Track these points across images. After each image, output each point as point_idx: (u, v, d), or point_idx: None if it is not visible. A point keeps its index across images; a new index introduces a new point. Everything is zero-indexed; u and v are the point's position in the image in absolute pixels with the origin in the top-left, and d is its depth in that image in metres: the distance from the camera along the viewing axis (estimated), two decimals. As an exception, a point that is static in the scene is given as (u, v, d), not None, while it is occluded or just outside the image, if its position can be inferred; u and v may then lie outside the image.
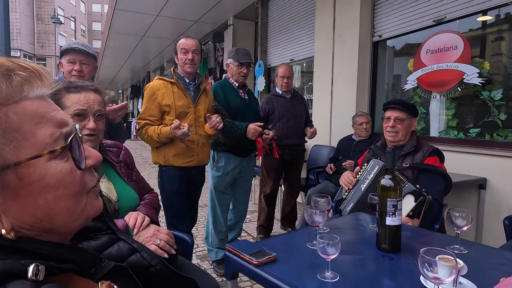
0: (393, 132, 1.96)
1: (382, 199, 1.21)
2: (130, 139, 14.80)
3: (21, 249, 0.46)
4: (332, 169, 3.22)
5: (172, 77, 2.19)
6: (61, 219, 0.50)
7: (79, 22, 34.90)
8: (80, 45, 1.99)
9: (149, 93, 2.15)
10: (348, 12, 3.68)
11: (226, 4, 5.64)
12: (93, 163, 0.54)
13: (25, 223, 0.48)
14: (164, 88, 2.15)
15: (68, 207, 0.49)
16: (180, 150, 2.16)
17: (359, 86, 3.66)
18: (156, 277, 0.70)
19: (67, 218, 0.50)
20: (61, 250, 0.50)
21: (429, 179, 1.79)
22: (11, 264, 0.43)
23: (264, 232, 3.18)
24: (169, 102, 2.13)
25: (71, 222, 0.51)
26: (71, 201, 0.50)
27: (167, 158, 2.18)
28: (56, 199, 0.48)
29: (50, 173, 0.47)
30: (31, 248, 0.47)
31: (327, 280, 1.01)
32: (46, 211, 0.48)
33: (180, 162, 2.18)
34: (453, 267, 0.82)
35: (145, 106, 2.16)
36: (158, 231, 1.17)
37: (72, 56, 1.94)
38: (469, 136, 2.87)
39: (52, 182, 0.47)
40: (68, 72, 1.94)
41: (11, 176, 0.45)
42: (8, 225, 0.46)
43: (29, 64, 0.50)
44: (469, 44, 2.78)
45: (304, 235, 1.40)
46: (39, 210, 0.47)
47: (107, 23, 7.63)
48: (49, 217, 0.48)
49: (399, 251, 1.21)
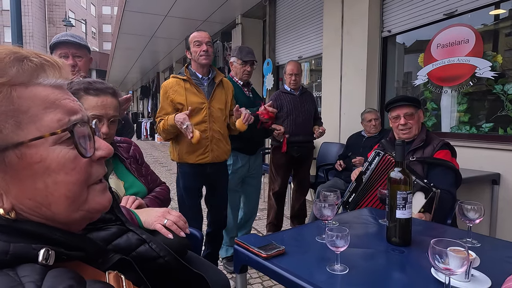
0: (406, 129, 1.93)
1: (391, 192, 1.19)
2: (141, 139, 14.94)
3: (32, 233, 0.47)
4: (341, 166, 3.19)
5: (184, 74, 2.18)
6: (60, 206, 0.49)
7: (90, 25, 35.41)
8: (70, 36, 1.81)
9: (163, 91, 2.17)
10: (357, 7, 3.64)
11: (234, 3, 5.65)
12: (103, 154, 0.54)
13: (25, 206, 0.48)
14: (176, 85, 2.14)
15: (67, 195, 0.49)
16: (191, 147, 2.13)
17: (368, 82, 3.63)
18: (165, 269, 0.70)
19: (66, 207, 0.49)
20: (72, 238, 0.50)
21: (439, 173, 1.76)
22: (23, 248, 0.44)
23: (273, 230, 3.18)
24: (181, 99, 2.11)
25: (71, 211, 0.50)
26: (72, 188, 0.49)
27: (180, 155, 2.18)
28: (56, 184, 0.48)
29: (52, 156, 0.47)
30: (43, 232, 0.47)
31: (336, 272, 1.00)
32: (45, 196, 0.48)
33: (193, 159, 2.16)
34: (464, 258, 0.80)
35: (160, 105, 2.19)
36: (168, 213, 1.13)
37: (64, 50, 1.77)
38: (481, 131, 2.82)
39: (53, 166, 0.47)
40: None
41: (13, 156, 0.45)
42: (8, 204, 0.47)
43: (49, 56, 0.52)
44: (481, 38, 2.72)
45: (313, 229, 1.39)
46: (38, 194, 0.48)
47: (116, 25, 7.72)
48: (48, 203, 0.48)
49: (409, 245, 1.19)
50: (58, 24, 29.25)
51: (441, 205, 1.68)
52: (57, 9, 30.23)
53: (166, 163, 8.14)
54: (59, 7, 30.39)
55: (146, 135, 15.07)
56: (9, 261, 0.42)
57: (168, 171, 7.06)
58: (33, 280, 0.40)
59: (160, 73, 14.38)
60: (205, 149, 2.17)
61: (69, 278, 0.43)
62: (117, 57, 11.24)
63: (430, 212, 1.62)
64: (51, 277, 0.42)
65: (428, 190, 1.61)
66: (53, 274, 0.43)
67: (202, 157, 2.17)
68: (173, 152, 2.24)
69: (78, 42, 1.81)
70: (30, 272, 0.42)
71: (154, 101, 16.30)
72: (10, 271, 0.41)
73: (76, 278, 0.44)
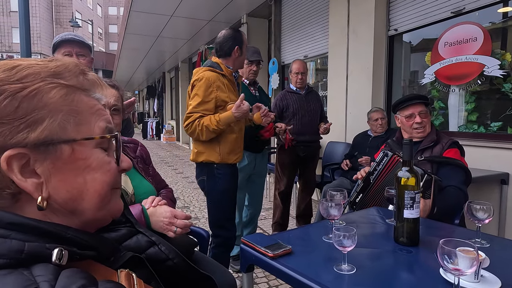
0: (421, 128, 1.91)
1: (399, 191, 1.19)
2: (146, 139, 15.02)
3: (46, 232, 0.47)
4: (347, 166, 3.18)
5: (221, 69, 2.06)
6: (91, 202, 0.53)
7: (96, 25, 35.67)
8: (73, 35, 1.84)
9: (206, 85, 1.97)
10: (363, 5, 3.62)
11: (239, 3, 5.65)
12: (126, 167, 0.60)
13: (60, 197, 0.50)
14: (218, 81, 2.01)
15: (100, 192, 0.53)
16: (232, 145, 2.07)
17: (374, 81, 3.60)
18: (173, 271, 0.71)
19: (96, 203, 0.53)
20: (85, 236, 0.51)
21: (449, 171, 1.74)
22: (37, 247, 0.45)
23: (279, 229, 3.18)
24: (224, 96, 2.02)
25: (98, 209, 0.54)
26: (104, 187, 0.54)
27: (223, 155, 2.05)
28: (93, 181, 0.53)
29: (94, 156, 0.53)
30: (56, 231, 0.48)
31: (343, 272, 1.00)
32: (81, 190, 0.52)
33: (233, 159, 2.11)
34: (474, 258, 0.79)
35: (200, 99, 1.97)
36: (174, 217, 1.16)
37: (68, 48, 1.80)
38: (490, 130, 2.79)
39: (94, 165, 0.53)
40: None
41: (66, 149, 0.50)
42: (46, 193, 0.49)
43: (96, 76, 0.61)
44: (489, 36, 2.69)
45: (320, 228, 1.39)
46: (75, 187, 0.51)
47: (122, 25, 7.77)
48: (82, 197, 0.52)
49: (417, 245, 1.18)
50: (65, 25, 29.51)
51: (451, 200, 1.66)
52: (64, 10, 30.52)
53: (172, 163, 8.18)
54: (66, 8, 30.67)
55: (152, 134, 15.16)
56: (24, 260, 0.43)
57: (174, 171, 7.09)
58: (47, 279, 0.41)
59: (166, 73, 14.44)
60: (239, 149, 2.15)
61: (81, 278, 0.43)
62: (123, 57, 11.31)
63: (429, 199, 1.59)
64: (64, 277, 0.43)
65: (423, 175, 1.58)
66: (66, 274, 0.43)
67: (237, 156, 2.14)
68: (211, 153, 2.06)
69: (82, 41, 1.85)
70: (44, 271, 0.42)
71: (160, 101, 16.38)
72: (25, 271, 0.42)
73: (88, 278, 0.44)
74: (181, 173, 6.80)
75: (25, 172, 0.47)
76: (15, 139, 0.46)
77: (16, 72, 0.48)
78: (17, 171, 0.46)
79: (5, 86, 0.46)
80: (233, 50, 2.10)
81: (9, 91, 0.46)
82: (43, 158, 0.48)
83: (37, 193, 0.48)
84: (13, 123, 0.46)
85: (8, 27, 27.70)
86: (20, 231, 0.46)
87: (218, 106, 2.02)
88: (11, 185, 0.47)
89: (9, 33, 27.67)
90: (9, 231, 0.45)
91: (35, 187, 0.48)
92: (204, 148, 2.08)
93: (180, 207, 4.47)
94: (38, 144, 0.47)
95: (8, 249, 0.43)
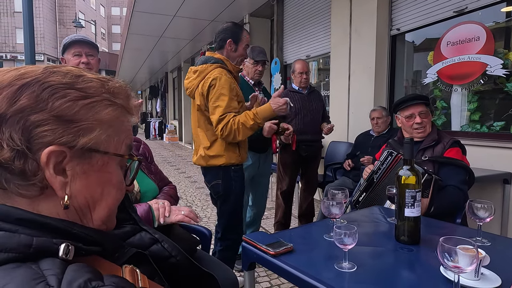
0: (421, 128, 1.91)
1: (400, 190, 1.19)
2: (149, 139, 15.06)
3: (54, 227, 0.49)
4: (350, 165, 3.18)
5: (226, 65, 2.02)
6: (100, 213, 0.56)
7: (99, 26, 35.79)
8: (82, 36, 1.89)
9: (227, 85, 1.90)
10: (365, 5, 3.62)
11: (241, 3, 5.66)
12: (131, 189, 0.63)
13: (77, 200, 0.53)
14: (231, 79, 1.98)
15: (110, 207, 0.57)
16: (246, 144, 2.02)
17: (377, 81, 3.60)
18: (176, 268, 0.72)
19: (103, 216, 0.56)
20: (90, 232, 0.52)
21: (450, 171, 1.75)
22: (45, 242, 0.46)
23: (281, 229, 3.18)
24: (240, 92, 1.99)
25: (102, 222, 0.57)
26: (115, 203, 0.58)
27: (242, 155, 2.00)
28: (109, 194, 0.56)
29: (116, 173, 0.57)
30: (63, 226, 0.49)
31: (344, 270, 1.00)
32: (96, 200, 0.55)
33: (245, 159, 2.06)
34: (474, 256, 0.80)
35: (228, 99, 1.88)
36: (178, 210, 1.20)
37: (77, 49, 1.82)
38: (492, 129, 2.78)
39: (114, 180, 0.56)
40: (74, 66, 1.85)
41: (100, 159, 0.54)
42: (69, 192, 0.51)
43: None
44: (492, 35, 2.68)
45: (321, 227, 1.39)
46: (93, 196, 0.54)
47: (125, 25, 7.80)
48: (94, 206, 0.55)
49: (418, 243, 1.19)
50: (68, 26, 29.67)
51: (449, 199, 1.66)
52: (67, 11, 30.66)
53: (175, 163, 8.20)
54: (69, 8, 30.81)
55: (155, 134, 15.20)
56: (32, 255, 0.44)
57: (176, 170, 7.11)
58: (55, 273, 0.42)
59: (169, 73, 14.47)
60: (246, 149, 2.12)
61: (87, 272, 0.45)
62: (126, 58, 11.34)
63: (427, 197, 1.60)
64: (71, 270, 0.44)
65: (424, 174, 1.59)
66: (72, 268, 0.45)
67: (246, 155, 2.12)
68: (231, 154, 1.99)
69: (91, 42, 1.89)
70: (51, 265, 0.44)
71: (163, 101, 16.41)
72: (33, 264, 0.43)
73: (94, 272, 0.46)
74: (184, 173, 6.81)
75: (57, 169, 0.49)
76: (65, 138, 0.49)
77: (82, 81, 0.53)
78: (52, 166, 0.48)
79: (71, 90, 0.51)
80: (226, 43, 2.02)
81: (73, 95, 0.50)
82: (77, 161, 0.51)
83: (61, 191, 0.50)
84: (68, 124, 0.49)
85: (12, 27, 27.87)
86: (28, 226, 0.47)
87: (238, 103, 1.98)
88: (44, 179, 0.49)
89: (13, 33, 27.84)
90: (16, 226, 0.46)
91: (61, 185, 0.50)
92: (223, 150, 1.98)
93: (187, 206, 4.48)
94: (83, 149, 0.51)
95: (17, 243, 0.44)
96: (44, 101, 0.48)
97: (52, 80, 0.50)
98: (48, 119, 0.48)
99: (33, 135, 0.47)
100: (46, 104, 0.48)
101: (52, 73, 0.51)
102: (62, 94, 0.49)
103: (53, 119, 0.48)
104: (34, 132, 0.47)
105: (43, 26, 27.21)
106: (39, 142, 0.48)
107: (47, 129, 0.48)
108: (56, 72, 0.52)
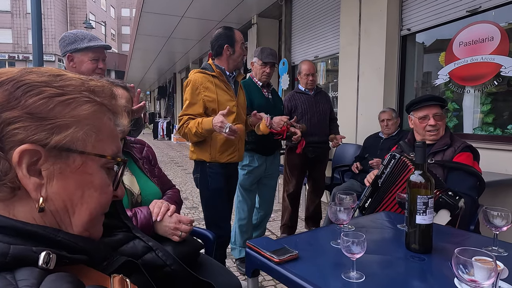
0: (435, 130, 1.84)
1: (411, 196, 1.14)
2: (157, 139, 15.14)
3: (34, 234, 0.46)
4: (358, 168, 3.12)
5: (212, 70, 2.06)
6: (81, 219, 0.52)
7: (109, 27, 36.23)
8: (103, 42, 1.86)
9: (192, 88, 2.00)
10: (375, 4, 3.56)
11: (249, 3, 5.63)
12: (119, 195, 0.60)
13: (53, 203, 0.50)
14: (206, 82, 2.01)
15: (91, 212, 0.53)
16: (224, 146, 2.06)
17: (386, 82, 3.53)
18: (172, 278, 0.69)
19: (84, 222, 0.53)
20: (76, 239, 0.50)
21: (458, 176, 1.68)
22: (23, 250, 0.43)
23: (287, 232, 3.14)
24: (213, 97, 2.01)
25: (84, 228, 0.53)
26: (97, 207, 0.54)
27: (213, 154, 2.06)
28: (90, 198, 0.53)
29: (98, 175, 0.54)
30: (45, 233, 0.47)
31: (352, 280, 0.95)
32: (75, 203, 0.51)
33: (225, 159, 2.09)
34: (492, 269, 0.75)
35: (188, 102, 2.01)
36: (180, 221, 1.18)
37: (96, 54, 1.81)
38: (506, 132, 2.70)
39: (96, 182, 0.53)
40: (91, 70, 1.78)
41: (78, 159, 0.51)
42: (45, 194, 0.49)
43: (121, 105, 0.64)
44: (506, 35, 2.60)
45: (328, 233, 1.35)
46: (71, 198, 0.51)
47: (134, 26, 7.84)
48: (73, 210, 0.51)
49: (430, 252, 1.13)
50: (79, 27, 30.00)
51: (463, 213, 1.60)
52: (78, 12, 31.05)
53: (182, 163, 8.21)
54: (80, 9, 31.20)
55: (163, 135, 15.27)
56: (8, 264, 0.41)
57: (183, 171, 7.10)
58: (29, 284, 0.40)
59: (177, 73, 14.54)
60: (234, 148, 2.12)
61: (67, 282, 0.42)
62: (135, 58, 11.42)
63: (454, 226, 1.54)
64: (48, 281, 0.41)
65: (454, 208, 1.53)
66: (51, 278, 0.42)
67: (231, 156, 2.12)
68: (202, 152, 2.08)
69: (107, 46, 1.88)
70: (28, 276, 0.41)
71: (170, 101, 16.49)
72: (8, 274, 0.41)
73: (74, 283, 0.42)
74: (191, 174, 6.80)
75: (31, 169, 0.47)
76: (37, 136, 0.47)
77: (60, 80, 0.52)
78: (24, 166, 0.46)
79: (47, 88, 0.49)
80: (223, 49, 2.07)
81: (48, 93, 0.49)
82: (53, 161, 0.49)
83: (35, 193, 0.48)
84: (42, 121, 0.47)
85: (24, 28, 28.31)
86: (6, 233, 0.44)
87: (207, 108, 2.00)
88: (16, 179, 0.47)
89: (25, 34, 28.27)
90: None
91: (35, 187, 0.48)
92: (196, 146, 2.11)
93: (188, 207, 4.48)
94: (57, 147, 0.48)
95: None
96: (17, 98, 0.47)
97: (28, 79, 0.49)
98: (20, 117, 0.46)
99: (4, 133, 0.46)
100: (18, 101, 0.47)
101: (28, 72, 0.50)
102: (37, 91, 0.48)
103: (26, 116, 0.46)
104: (6, 130, 0.46)
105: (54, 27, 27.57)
106: (11, 141, 0.46)
107: (18, 126, 0.46)
108: (34, 72, 0.51)
